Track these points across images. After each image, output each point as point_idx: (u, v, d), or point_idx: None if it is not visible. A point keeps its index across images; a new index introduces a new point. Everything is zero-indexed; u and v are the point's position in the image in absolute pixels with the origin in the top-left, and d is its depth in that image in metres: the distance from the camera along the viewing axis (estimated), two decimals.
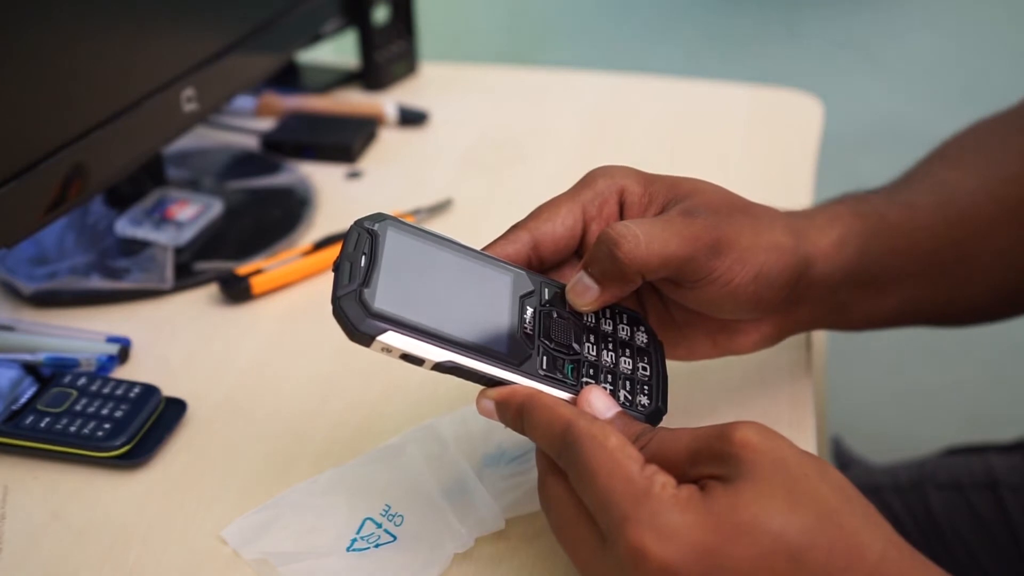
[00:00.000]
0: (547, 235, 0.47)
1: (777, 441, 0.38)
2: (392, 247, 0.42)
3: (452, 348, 0.41)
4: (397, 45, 1.01)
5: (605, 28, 2.57)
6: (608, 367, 0.45)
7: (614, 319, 0.47)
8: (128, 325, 0.66)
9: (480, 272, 0.44)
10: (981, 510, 0.78)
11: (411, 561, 0.47)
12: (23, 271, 0.69)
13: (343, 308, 0.40)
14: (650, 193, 0.48)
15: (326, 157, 0.87)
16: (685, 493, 0.37)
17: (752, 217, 0.49)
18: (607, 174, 0.48)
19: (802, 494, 0.36)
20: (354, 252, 0.41)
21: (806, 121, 0.92)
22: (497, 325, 0.43)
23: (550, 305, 0.45)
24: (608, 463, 0.38)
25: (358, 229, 0.43)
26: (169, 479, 0.54)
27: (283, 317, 0.67)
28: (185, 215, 0.75)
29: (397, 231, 0.43)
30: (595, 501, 0.38)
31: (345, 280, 0.40)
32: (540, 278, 0.46)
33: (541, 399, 0.41)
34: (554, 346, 0.44)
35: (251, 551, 0.49)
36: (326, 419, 0.58)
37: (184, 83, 0.72)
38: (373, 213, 0.44)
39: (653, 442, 0.40)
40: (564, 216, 0.47)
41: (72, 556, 0.49)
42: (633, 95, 1.00)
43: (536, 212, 0.47)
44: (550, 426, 0.40)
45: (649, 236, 0.44)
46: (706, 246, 0.45)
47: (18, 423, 0.55)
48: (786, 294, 0.49)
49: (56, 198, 0.61)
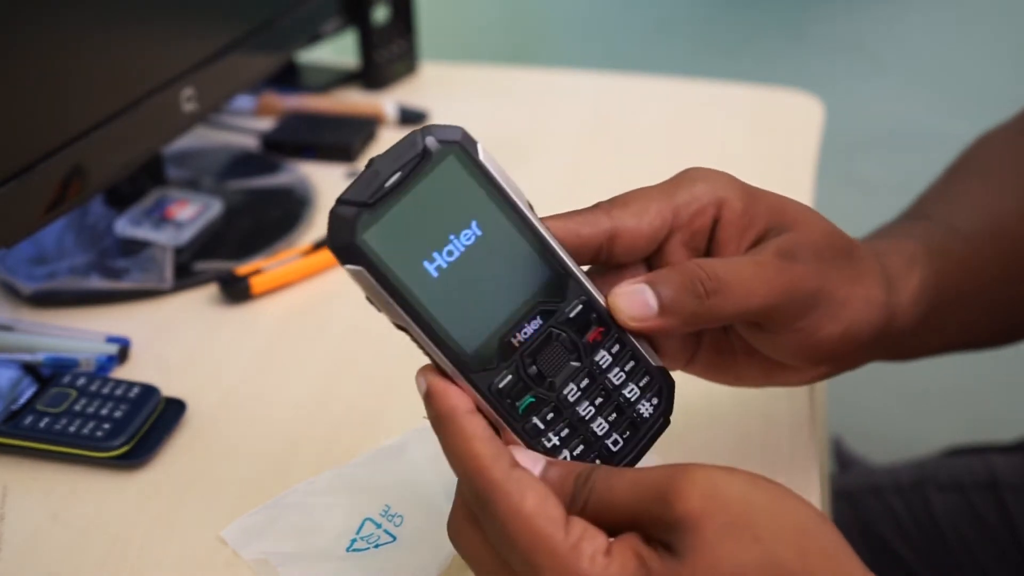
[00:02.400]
0: (629, 230, 0.40)
1: (721, 499, 0.34)
2: (435, 180, 0.37)
3: (413, 318, 0.36)
4: (397, 45, 1.01)
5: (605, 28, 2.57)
6: (574, 419, 0.39)
7: (630, 374, 0.40)
8: (127, 325, 0.66)
9: (517, 252, 0.38)
10: (982, 511, 0.78)
11: (411, 561, 0.47)
12: (22, 271, 0.69)
13: (334, 217, 0.36)
14: (751, 215, 0.42)
15: (326, 157, 0.87)
16: (616, 567, 0.34)
17: (852, 263, 0.44)
18: (708, 179, 0.42)
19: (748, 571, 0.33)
20: (392, 161, 0.36)
21: (806, 122, 0.92)
22: (483, 319, 0.38)
23: (567, 324, 0.39)
24: (527, 532, 0.34)
25: (416, 138, 0.37)
26: (169, 479, 0.54)
27: (283, 317, 0.67)
28: (185, 215, 0.75)
29: (458, 162, 0.37)
30: (520, 569, 0.35)
31: (361, 187, 0.36)
32: (583, 287, 0.39)
33: (460, 423, 0.36)
34: (532, 371, 0.38)
35: (251, 551, 0.48)
36: (326, 419, 0.58)
37: (184, 83, 0.72)
38: (450, 126, 0.38)
39: (591, 501, 0.36)
40: (653, 216, 0.41)
41: (71, 556, 0.49)
42: (633, 95, 1.00)
43: (623, 200, 0.41)
44: (462, 461, 0.36)
45: (740, 281, 0.40)
46: (799, 298, 0.41)
47: (17, 423, 0.55)
48: (864, 348, 0.45)
49: (55, 198, 0.61)
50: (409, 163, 0.36)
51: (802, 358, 0.44)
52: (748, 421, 0.56)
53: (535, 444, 0.38)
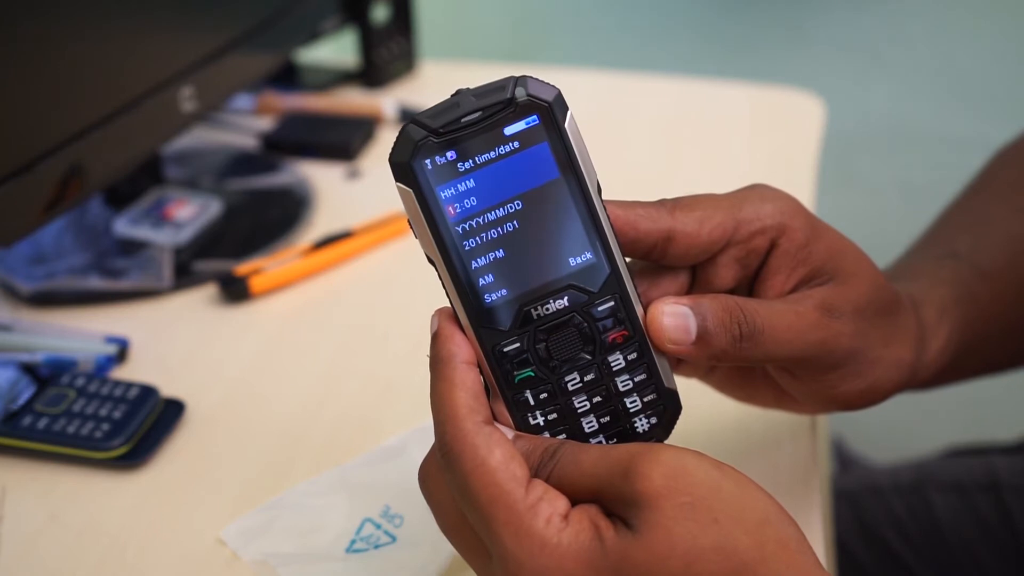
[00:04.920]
0: (689, 235, 0.40)
1: (683, 479, 0.34)
2: (514, 131, 0.36)
3: (443, 255, 0.36)
4: (397, 43, 1.01)
5: (606, 27, 2.56)
6: (565, 409, 0.38)
7: (639, 387, 0.39)
8: (126, 325, 0.65)
9: (568, 228, 0.37)
10: (983, 511, 0.78)
11: (410, 562, 0.47)
12: (21, 271, 0.69)
13: (402, 135, 0.35)
14: (809, 250, 0.42)
15: (325, 156, 0.86)
16: (571, 532, 0.34)
17: (891, 323, 0.44)
18: (776, 200, 0.42)
19: (704, 549, 0.33)
20: (479, 99, 0.36)
21: (807, 121, 0.92)
22: (512, 280, 0.37)
23: (593, 316, 0.38)
24: (488, 484, 0.34)
25: (505, 85, 0.36)
26: (167, 480, 0.54)
27: (282, 317, 0.67)
28: (184, 215, 0.75)
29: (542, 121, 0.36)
30: (477, 524, 0.35)
31: (438, 114, 0.35)
32: (622, 285, 0.38)
33: (451, 370, 0.36)
34: (541, 347, 0.38)
35: (250, 552, 0.48)
36: (326, 419, 0.57)
37: (183, 82, 0.71)
38: (547, 84, 0.37)
39: (556, 470, 0.36)
40: (715, 225, 0.40)
41: (70, 557, 0.49)
42: (634, 94, 0.99)
43: (688, 203, 0.41)
44: (442, 406, 0.36)
45: (779, 329, 0.39)
46: (832, 356, 0.41)
47: (16, 424, 0.54)
48: (880, 400, 0.45)
49: (54, 197, 0.61)
50: (492, 107, 0.36)
51: (817, 402, 0.44)
52: (749, 421, 0.55)
53: (520, 417, 0.38)
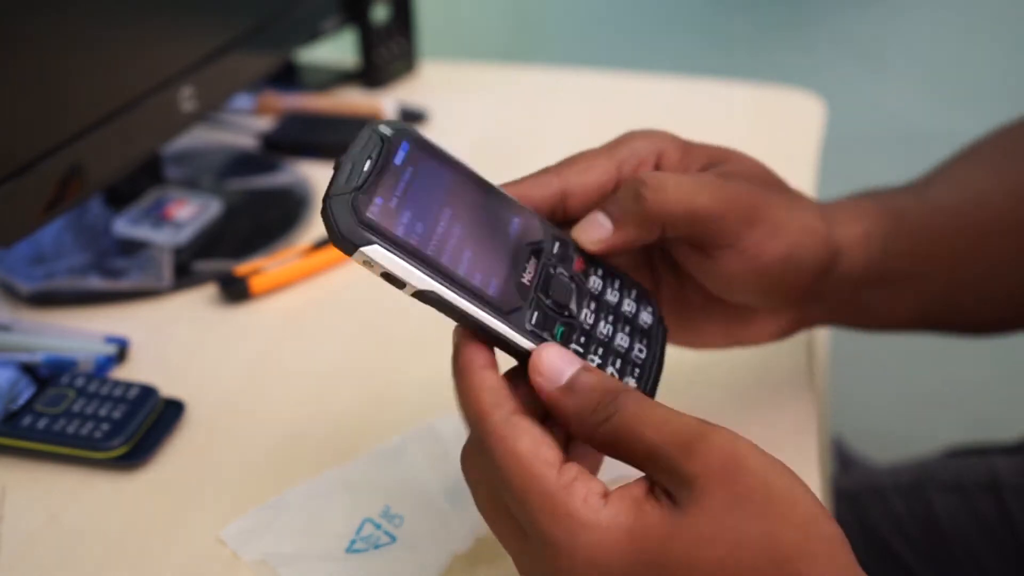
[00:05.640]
0: (578, 186, 0.44)
1: (741, 472, 0.34)
2: (402, 160, 0.39)
3: (438, 278, 0.38)
4: (397, 43, 1.01)
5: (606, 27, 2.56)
6: (602, 339, 0.41)
7: (621, 291, 0.44)
8: (126, 325, 0.65)
9: (490, 209, 0.41)
10: (983, 511, 0.78)
11: (411, 562, 0.47)
12: (21, 271, 0.69)
13: (333, 210, 0.37)
14: (689, 159, 0.46)
15: (326, 157, 0.86)
16: (611, 511, 0.34)
17: (788, 194, 0.47)
18: (646, 136, 0.46)
19: (749, 541, 0.33)
20: (360, 153, 0.39)
21: (808, 121, 0.92)
22: (493, 267, 0.40)
23: (556, 260, 0.42)
24: (519, 471, 0.35)
25: (371, 131, 0.40)
26: (167, 480, 0.54)
27: (282, 317, 0.67)
28: (184, 215, 0.75)
29: (413, 144, 0.40)
30: (512, 505, 0.36)
31: (343, 180, 0.38)
32: (552, 229, 0.43)
33: (472, 376, 0.38)
34: (550, 303, 0.41)
35: (250, 552, 0.48)
36: (326, 419, 0.57)
37: (183, 82, 0.71)
38: (394, 120, 0.41)
39: (615, 419, 0.37)
40: (598, 171, 0.44)
41: (70, 558, 0.49)
42: (633, 94, 0.99)
43: (568, 161, 0.45)
44: (468, 409, 0.38)
45: (679, 184, 0.42)
46: (739, 209, 0.43)
47: (16, 424, 0.54)
48: (811, 283, 0.47)
49: (54, 197, 0.61)
50: (375, 151, 0.39)
51: (752, 290, 0.46)
52: (749, 421, 0.55)
53: None
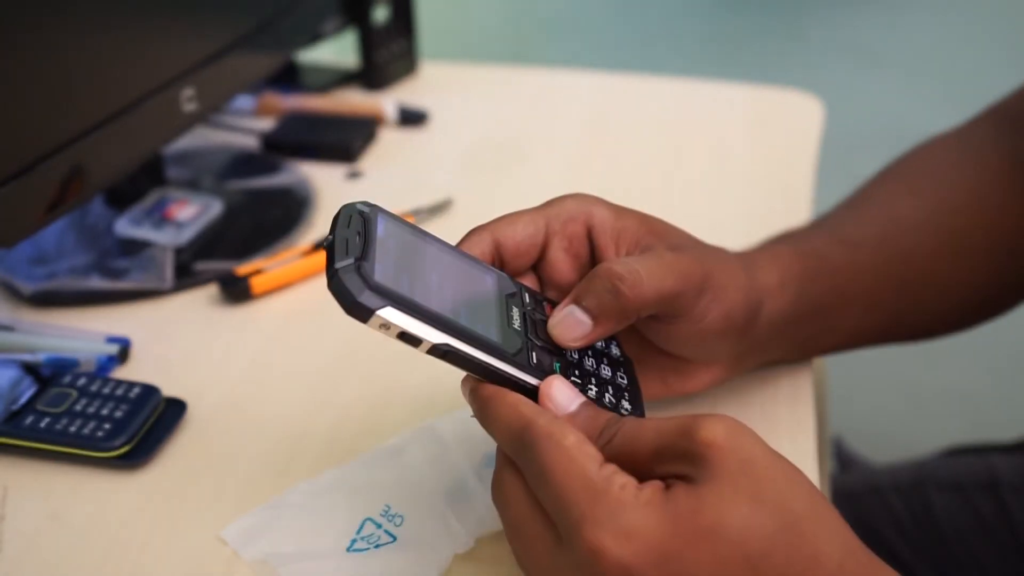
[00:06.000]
0: (508, 238, 0.46)
1: (743, 439, 0.37)
2: (384, 231, 0.42)
3: (450, 332, 0.40)
4: (397, 44, 1.01)
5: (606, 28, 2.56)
6: (590, 371, 0.45)
7: None
8: (128, 325, 0.66)
9: (465, 267, 0.44)
10: (982, 511, 0.78)
11: (411, 562, 0.47)
12: (23, 271, 0.69)
13: (342, 280, 0.39)
14: (621, 223, 0.48)
15: (326, 157, 0.87)
16: (646, 494, 0.36)
17: (721, 256, 0.49)
18: (576, 197, 0.48)
19: (765, 500, 0.36)
20: (348, 230, 0.40)
21: (806, 121, 0.92)
22: (488, 318, 0.42)
23: (533, 306, 0.45)
24: (564, 462, 0.37)
25: (350, 210, 0.42)
26: (169, 479, 0.54)
27: (283, 317, 0.67)
28: (185, 215, 0.75)
29: (386, 218, 0.43)
30: (552, 500, 0.37)
31: (342, 254, 0.39)
32: (518, 282, 0.46)
33: (504, 395, 0.41)
34: (541, 343, 0.43)
35: (251, 552, 0.48)
36: (326, 419, 0.58)
37: (184, 83, 0.72)
38: (362, 200, 0.43)
39: (618, 436, 0.39)
40: (526, 223, 0.46)
41: (71, 557, 0.49)
42: (633, 95, 1.00)
43: (499, 218, 0.47)
44: (509, 424, 0.40)
45: (649, 272, 0.44)
46: (695, 283, 0.46)
47: (18, 423, 0.55)
48: (742, 333, 0.50)
49: (55, 198, 0.61)
50: (359, 225, 0.41)
51: (693, 346, 0.49)
52: (749, 421, 0.55)
53: None
